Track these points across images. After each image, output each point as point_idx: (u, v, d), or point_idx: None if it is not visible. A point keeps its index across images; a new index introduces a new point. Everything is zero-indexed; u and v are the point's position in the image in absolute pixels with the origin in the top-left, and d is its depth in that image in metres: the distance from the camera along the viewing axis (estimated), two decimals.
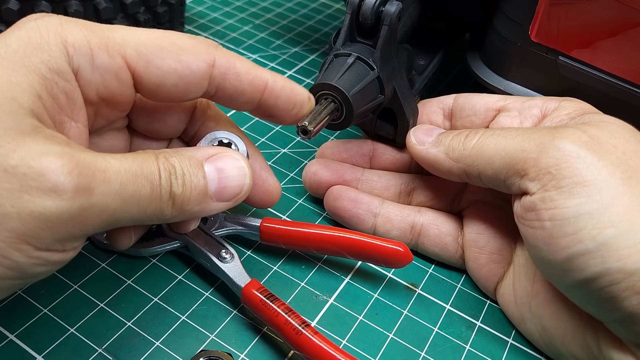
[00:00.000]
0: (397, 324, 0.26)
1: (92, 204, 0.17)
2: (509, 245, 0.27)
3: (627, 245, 0.20)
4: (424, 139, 0.27)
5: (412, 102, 0.30)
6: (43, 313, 0.25)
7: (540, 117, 0.26)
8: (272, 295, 0.24)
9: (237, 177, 0.22)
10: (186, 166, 0.20)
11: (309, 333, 0.22)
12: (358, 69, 0.26)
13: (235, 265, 0.25)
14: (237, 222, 0.28)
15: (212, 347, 0.24)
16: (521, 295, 0.26)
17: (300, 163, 0.34)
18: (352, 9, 0.27)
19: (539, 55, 0.30)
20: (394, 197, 0.30)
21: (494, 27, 0.32)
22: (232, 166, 0.21)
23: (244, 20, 0.48)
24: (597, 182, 0.21)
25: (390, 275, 0.29)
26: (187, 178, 0.20)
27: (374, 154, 0.31)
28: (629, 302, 0.20)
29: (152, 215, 0.19)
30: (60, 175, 0.16)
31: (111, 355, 0.23)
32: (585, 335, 0.23)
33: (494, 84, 0.33)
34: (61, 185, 0.16)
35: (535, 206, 0.22)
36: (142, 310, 0.25)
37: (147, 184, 0.19)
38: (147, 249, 0.27)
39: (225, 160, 0.21)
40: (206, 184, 0.21)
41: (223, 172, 0.21)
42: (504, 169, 0.23)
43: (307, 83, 0.41)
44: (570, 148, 0.22)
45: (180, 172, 0.20)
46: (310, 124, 0.24)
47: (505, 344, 0.26)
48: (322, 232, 0.27)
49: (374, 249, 0.26)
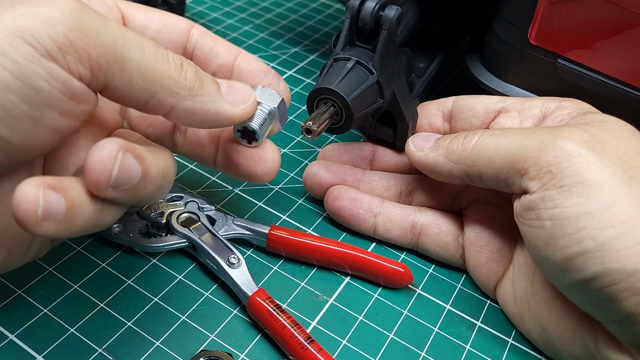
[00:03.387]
0: (397, 324, 0.26)
1: (88, 20, 0.17)
2: (509, 245, 0.27)
3: (627, 246, 0.20)
4: (423, 145, 0.28)
5: (412, 105, 0.30)
6: (43, 313, 0.24)
7: (540, 117, 0.27)
8: (279, 307, 0.24)
9: (243, 88, 0.22)
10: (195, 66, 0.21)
11: (314, 349, 0.23)
12: (357, 74, 0.26)
13: (242, 272, 0.26)
14: (246, 227, 0.28)
15: (212, 347, 0.24)
16: (521, 294, 0.26)
17: (300, 163, 0.34)
18: (352, 13, 0.27)
19: (538, 57, 0.31)
20: (395, 197, 0.30)
21: (493, 30, 0.32)
22: (237, 83, 0.22)
23: (244, 20, 0.48)
24: (597, 182, 0.21)
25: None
26: (198, 69, 0.20)
27: (375, 157, 0.31)
28: (627, 303, 0.20)
29: (162, 75, 0.19)
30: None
31: (111, 355, 0.23)
32: (583, 334, 0.23)
33: (493, 86, 0.33)
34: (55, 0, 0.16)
35: (535, 205, 0.22)
36: (142, 310, 0.25)
37: (149, 41, 0.19)
38: (155, 245, 0.27)
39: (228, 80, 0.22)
40: (217, 82, 0.21)
41: (229, 82, 0.22)
42: (505, 169, 0.23)
43: (308, 83, 0.42)
44: (571, 147, 0.22)
45: (191, 62, 0.20)
46: (314, 124, 0.24)
47: (505, 344, 0.26)
48: (328, 246, 0.28)
49: (376, 268, 0.27)
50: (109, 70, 0.18)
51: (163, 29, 0.24)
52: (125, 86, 0.18)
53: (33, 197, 0.16)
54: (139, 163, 0.18)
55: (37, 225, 0.16)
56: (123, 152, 0.17)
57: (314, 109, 0.26)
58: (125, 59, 0.18)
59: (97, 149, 0.17)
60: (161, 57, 0.19)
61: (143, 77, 0.18)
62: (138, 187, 0.18)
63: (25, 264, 0.26)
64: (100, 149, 0.17)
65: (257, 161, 0.23)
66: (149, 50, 0.18)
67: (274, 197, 0.32)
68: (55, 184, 0.17)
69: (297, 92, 0.41)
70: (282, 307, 0.25)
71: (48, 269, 0.26)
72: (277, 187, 0.33)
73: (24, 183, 0.16)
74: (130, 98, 0.19)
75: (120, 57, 0.18)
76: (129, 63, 0.18)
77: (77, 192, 0.17)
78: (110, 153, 0.17)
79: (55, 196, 0.16)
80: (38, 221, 0.16)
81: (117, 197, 0.18)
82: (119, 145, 0.17)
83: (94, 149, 0.17)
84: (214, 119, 0.21)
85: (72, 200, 0.17)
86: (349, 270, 0.28)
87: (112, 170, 0.17)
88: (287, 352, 0.24)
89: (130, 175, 0.18)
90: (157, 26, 0.24)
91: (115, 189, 0.18)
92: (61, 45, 0.16)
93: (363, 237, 0.30)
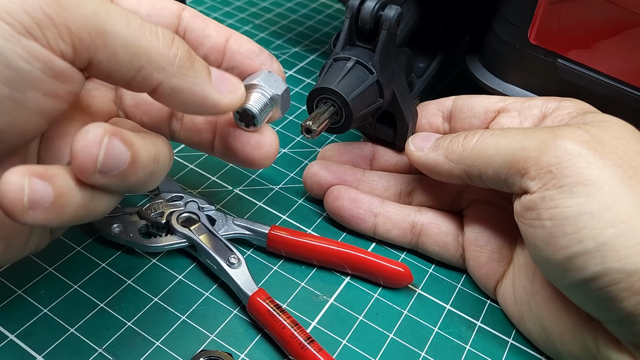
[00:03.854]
0: (397, 324, 0.26)
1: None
2: (509, 244, 0.27)
3: (627, 246, 0.20)
4: (423, 144, 0.28)
5: (412, 105, 0.30)
6: (43, 313, 0.24)
7: (540, 117, 0.27)
8: (279, 307, 0.24)
9: (233, 79, 0.21)
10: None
11: (314, 349, 0.23)
12: (357, 73, 0.26)
13: (242, 272, 0.26)
14: (246, 226, 0.28)
15: (212, 347, 0.24)
16: (521, 294, 0.26)
17: (300, 163, 0.34)
18: (352, 13, 0.27)
19: (537, 57, 0.31)
20: (395, 197, 0.30)
21: (493, 30, 0.32)
22: (227, 74, 0.21)
23: (244, 20, 0.48)
24: (598, 181, 0.21)
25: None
26: (190, 50, 0.20)
27: (374, 156, 0.31)
28: (627, 303, 0.20)
29: (150, 50, 0.18)
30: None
31: (111, 355, 0.23)
32: (583, 334, 0.23)
33: (493, 86, 0.33)
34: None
35: (535, 205, 0.22)
36: (142, 310, 0.25)
37: (136, 17, 0.18)
38: (155, 245, 0.27)
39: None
40: (208, 66, 0.21)
41: (223, 74, 0.21)
42: (505, 168, 0.23)
43: (308, 83, 0.42)
44: (571, 147, 0.22)
45: (183, 42, 0.20)
46: (313, 123, 0.24)
47: (505, 344, 0.26)
48: (328, 246, 0.28)
49: (376, 268, 0.27)
50: (92, 45, 0.17)
51: (154, 13, 0.23)
52: (109, 61, 0.17)
53: (18, 185, 0.16)
54: (127, 148, 0.17)
55: (24, 214, 0.16)
56: (109, 137, 0.17)
57: (313, 108, 0.26)
58: (108, 33, 0.17)
59: (82, 134, 0.17)
60: (148, 31, 0.18)
61: (128, 51, 0.17)
62: (128, 173, 0.18)
63: (25, 263, 0.26)
64: (85, 134, 0.17)
65: (255, 146, 0.23)
66: (134, 24, 0.18)
67: (274, 197, 0.32)
68: (42, 172, 0.16)
69: (297, 92, 0.41)
70: (282, 307, 0.25)
71: (48, 269, 0.26)
72: (277, 187, 0.33)
73: (9, 172, 0.16)
74: (115, 74, 0.18)
75: (102, 31, 0.17)
76: (113, 36, 0.17)
77: (64, 180, 0.17)
78: (95, 137, 0.17)
79: (42, 184, 0.16)
80: (25, 210, 0.16)
81: (106, 183, 0.18)
82: (104, 130, 0.17)
83: (79, 135, 0.17)
84: (199, 103, 0.20)
85: (59, 188, 0.16)
86: (349, 270, 0.28)
87: (98, 155, 0.17)
88: (287, 352, 0.24)
89: (118, 161, 0.17)
90: (148, 10, 0.23)
91: (103, 174, 0.17)
92: (39, 20, 0.16)
93: (363, 237, 0.30)
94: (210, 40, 0.24)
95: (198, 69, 0.20)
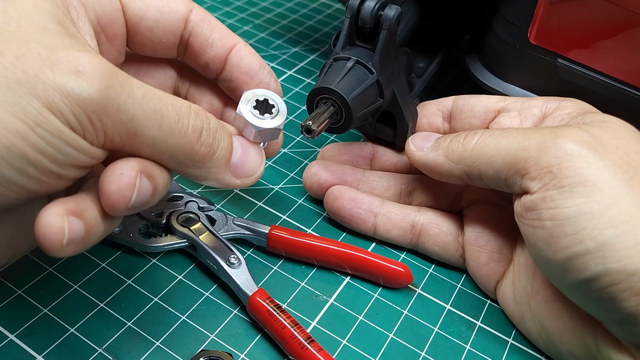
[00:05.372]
0: (397, 324, 0.26)
1: (111, 97, 0.17)
2: (510, 244, 0.27)
3: (628, 246, 0.20)
4: (423, 144, 0.28)
5: (412, 105, 0.30)
6: (43, 313, 0.24)
7: (540, 117, 0.27)
8: (279, 307, 0.24)
9: (255, 160, 0.22)
10: (220, 127, 0.21)
11: (314, 349, 0.23)
12: (357, 73, 0.26)
13: (242, 272, 0.26)
14: (246, 226, 0.28)
15: (212, 347, 0.24)
16: (521, 294, 0.26)
17: (300, 163, 0.34)
18: (352, 13, 0.27)
19: (537, 57, 0.31)
20: (395, 197, 0.30)
21: (493, 30, 0.32)
22: (253, 151, 0.22)
23: (244, 20, 0.48)
24: (598, 182, 0.21)
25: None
26: (219, 135, 0.20)
27: (374, 156, 0.31)
28: (628, 303, 0.20)
29: (173, 147, 0.19)
30: (87, 64, 0.17)
31: (111, 355, 0.23)
32: (584, 334, 0.23)
33: (493, 86, 0.33)
34: (85, 70, 0.17)
35: (535, 205, 0.22)
36: (142, 310, 0.25)
37: (173, 111, 0.19)
38: (155, 245, 0.27)
39: (248, 143, 0.22)
40: (232, 150, 0.21)
41: (246, 150, 0.22)
42: (505, 169, 0.23)
43: (308, 83, 0.42)
44: (572, 147, 0.22)
45: (214, 128, 0.20)
46: (313, 123, 0.24)
47: (505, 344, 0.26)
48: (328, 246, 0.28)
49: (376, 268, 0.27)
50: (120, 143, 0.18)
51: (161, 19, 0.23)
52: (132, 151, 0.19)
53: (59, 228, 0.17)
54: (150, 182, 0.19)
55: (60, 251, 0.17)
56: (140, 177, 0.18)
57: (313, 108, 0.26)
58: (139, 135, 0.18)
59: (115, 176, 0.18)
60: (179, 130, 0.19)
61: (152, 149, 0.19)
62: (147, 203, 0.19)
63: (25, 263, 0.27)
64: (118, 177, 0.18)
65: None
66: (167, 124, 0.19)
67: (274, 197, 0.32)
68: (75, 209, 0.18)
69: (297, 92, 0.41)
70: (282, 307, 0.25)
71: (48, 269, 0.26)
72: (277, 187, 0.33)
73: (49, 213, 0.17)
74: (132, 155, 0.19)
75: (133, 134, 0.18)
76: (142, 138, 0.18)
77: (93, 214, 0.18)
78: (130, 180, 0.18)
79: (76, 222, 0.17)
80: (62, 247, 0.17)
81: (128, 214, 0.19)
82: (136, 172, 0.18)
83: (111, 175, 0.18)
84: (209, 182, 0.21)
85: (89, 222, 0.18)
86: (349, 270, 0.28)
87: (132, 197, 0.18)
88: (287, 352, 0.24)
89: (145, 196, 0.19)
90: (155, 15, 0.23)
91: (130, 210, 0.19)
92: (83, 124, 0.17)
93: (363, 237, 0.30)
94: (213, 50, 0.25)
95: (218, 158, 0.21)
